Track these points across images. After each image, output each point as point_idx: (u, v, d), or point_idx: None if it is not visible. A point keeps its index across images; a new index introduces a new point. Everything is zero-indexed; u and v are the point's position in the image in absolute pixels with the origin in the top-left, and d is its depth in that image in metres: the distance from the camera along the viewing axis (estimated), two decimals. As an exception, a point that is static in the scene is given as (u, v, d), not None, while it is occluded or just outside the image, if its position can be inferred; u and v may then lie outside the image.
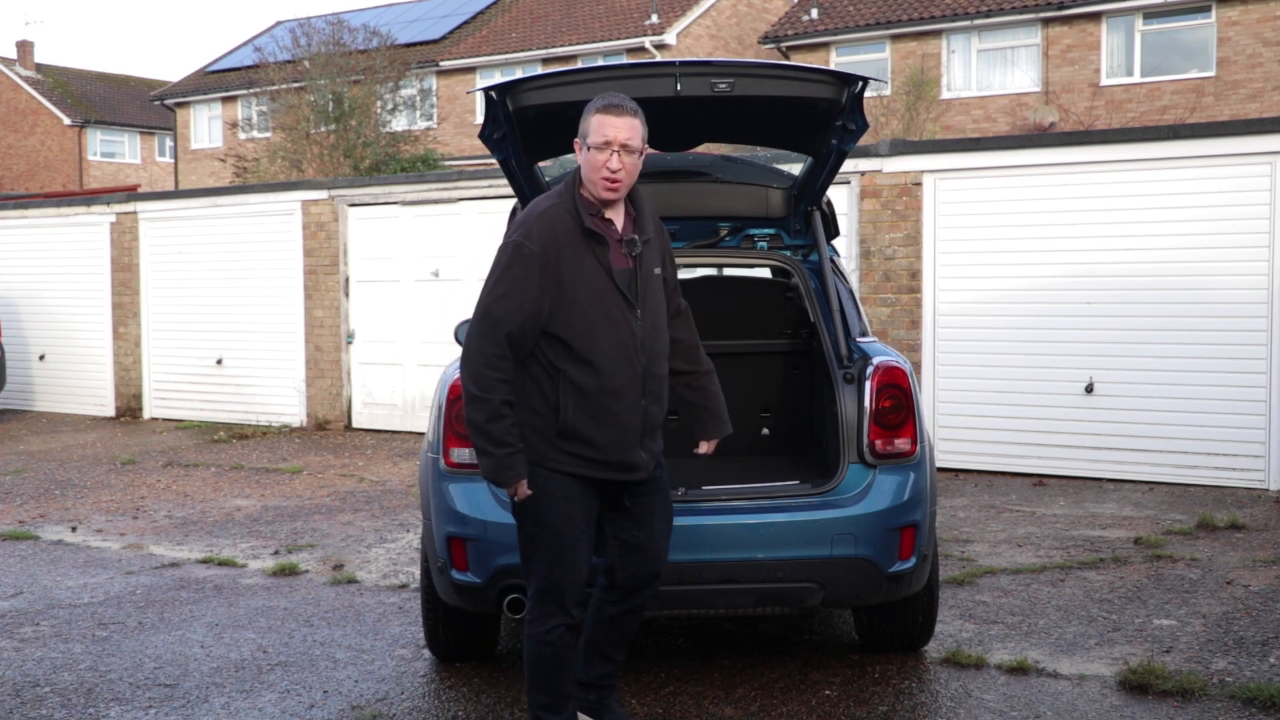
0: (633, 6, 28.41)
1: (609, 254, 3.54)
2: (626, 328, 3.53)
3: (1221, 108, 20.85)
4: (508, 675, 4.71)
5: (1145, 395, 8.67)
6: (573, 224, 3.53)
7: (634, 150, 3.51)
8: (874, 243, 9.56)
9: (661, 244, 3.72)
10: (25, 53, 43.39)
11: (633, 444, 3.56)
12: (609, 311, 3.51)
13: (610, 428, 3.53)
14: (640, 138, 3.53)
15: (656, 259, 3.66)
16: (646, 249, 3.62)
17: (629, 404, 3.53)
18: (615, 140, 3.48)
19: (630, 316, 3.54)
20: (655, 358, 3.61)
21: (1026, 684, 4.52)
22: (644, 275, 3.59)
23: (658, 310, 3.63)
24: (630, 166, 3.51)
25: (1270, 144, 8.26)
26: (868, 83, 4.28)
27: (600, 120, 3.49)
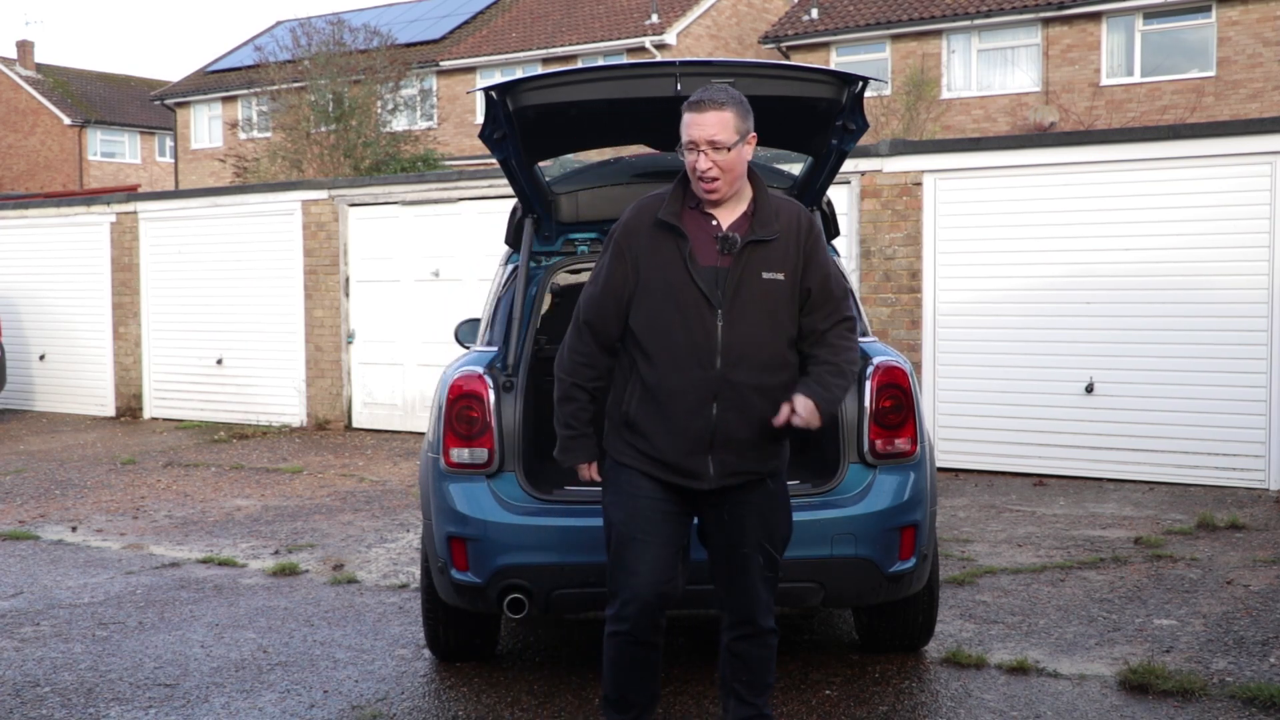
0: (633, 6, 28.42)
1: (689, 247, 3.37)
2: (701, 327, 3.34)
3: (1221, 108, 20.86)
4: (508, 675, 4.71)
5: (1145, 395, 8.67)
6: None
7: (724, 146, 3.31)
8: (874, 243, 9.57)
9: (798, 250, 3.42)
10: (25, 53, 43.41)
11: (693, 449, 3.38)
12: (682, 307, 3.35)
13: (667, 428, 3.39)
14: (734, 129, 3.32)
15: (778, 263, 3.39)
16: (759, 250, 3.37)
17: (690, 406, 3.35)
18: (699, 140, 3.32)
19: (709, 315, 3.34)
20: (741, 365, 3.35)
21: (1026, 684, 4.52)
22: (743, 276, 3.35)
23: (757, 316, 3.36)
24: (726, 163, 3.32)
25: (1270, 144, 8.26)
26: (868, 83, 4.28)
27: (685, 120, 3.35)
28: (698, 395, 3.34)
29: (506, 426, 4.31)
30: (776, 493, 3.54)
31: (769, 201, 3.44)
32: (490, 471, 4.28)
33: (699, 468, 3.40)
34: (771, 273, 3.37)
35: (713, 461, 3.39)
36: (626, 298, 3.41)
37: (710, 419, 3.35)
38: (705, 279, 3.34)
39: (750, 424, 3.39)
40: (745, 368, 3.34)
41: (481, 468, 4.28)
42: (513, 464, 4.29)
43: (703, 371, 3.33)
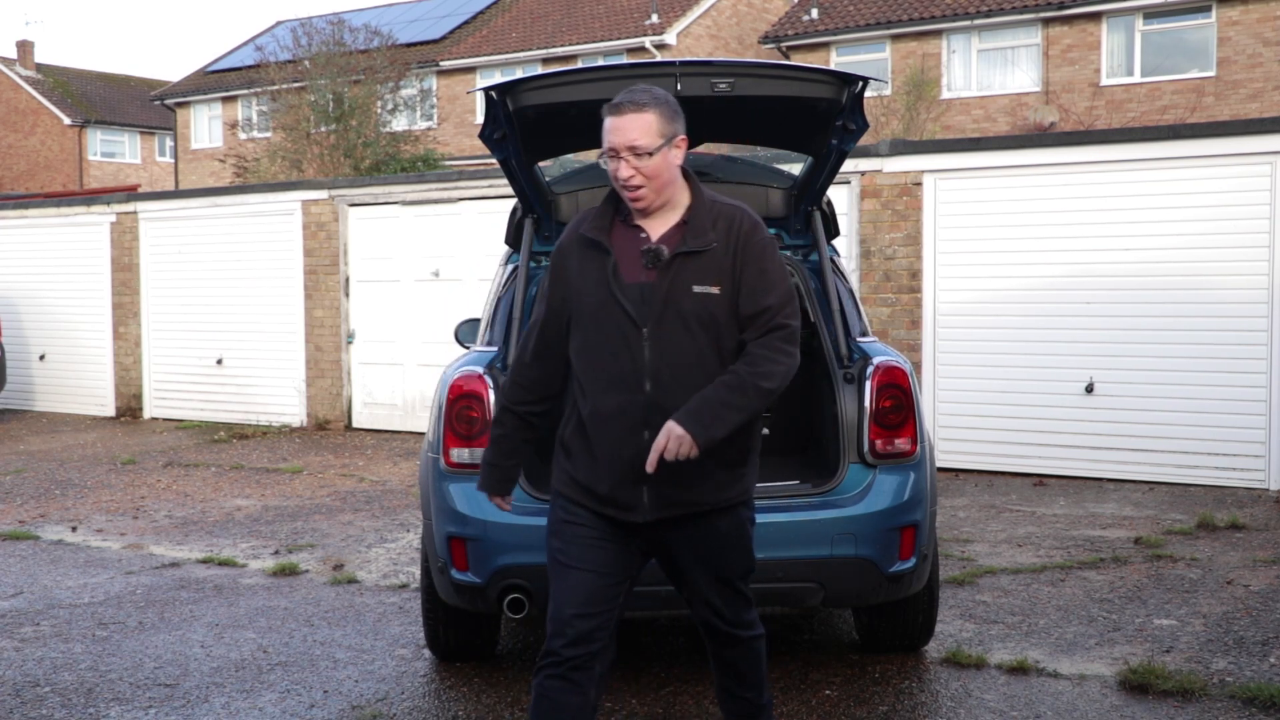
0: (633, 6, 28.42)
1: (613, 263, 3.10)
2: (627, 348, 3.06)
3: (1221, 108, 20.86)
4: (508, 675, 4.71)
5: (1145, 395, 8.67)
6: None
7: (646, 151, 3.03)
8: (874, 243, 9.57)
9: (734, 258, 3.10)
10: (25, 53, 43.41)
11: (624, 480, 3.08)
12: (606, 328, 3.08)
13: (599, 456, 3.11)
14: (657, 132, 3.04)
15: (713, 275, 3.07)
16: (690, 263, 3.07)
17: (621, 434, 3.06)
18: (618, 145, 3.04)
19: (634, 335, 3.06)
20: (672, 387, 3.04)
21: (1026, 684, 4.52)
22: (670, 291, 3.06)
23: (688, 334, 3.06)
24: (650, 169, 3.05)
25: (1270, 144, 8.26)
26: (868, 83, 4.28)
27: (605, 125, 3.08)
28: (628, 421, 3.06)
29: (506, 426, 4.30)
30: (729, 530, 3.21)
31: (705, 209, 3.14)
32: (490, 471, 4.27)
33: (631, 499, 3.11)
34: (704, 286, 3.06)
35: (647, 492, 3.09)
36: (566, 319, 3.19)
37: (642, 447, 3.03)
38: (631, 296, 3.07)
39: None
40: (677, 390, 3.03)
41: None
42: (513, 464, 4.28)
43: (631, 396, 3.05)
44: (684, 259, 3.08)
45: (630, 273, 3.10)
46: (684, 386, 3.05)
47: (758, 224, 3.16)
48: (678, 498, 3.11)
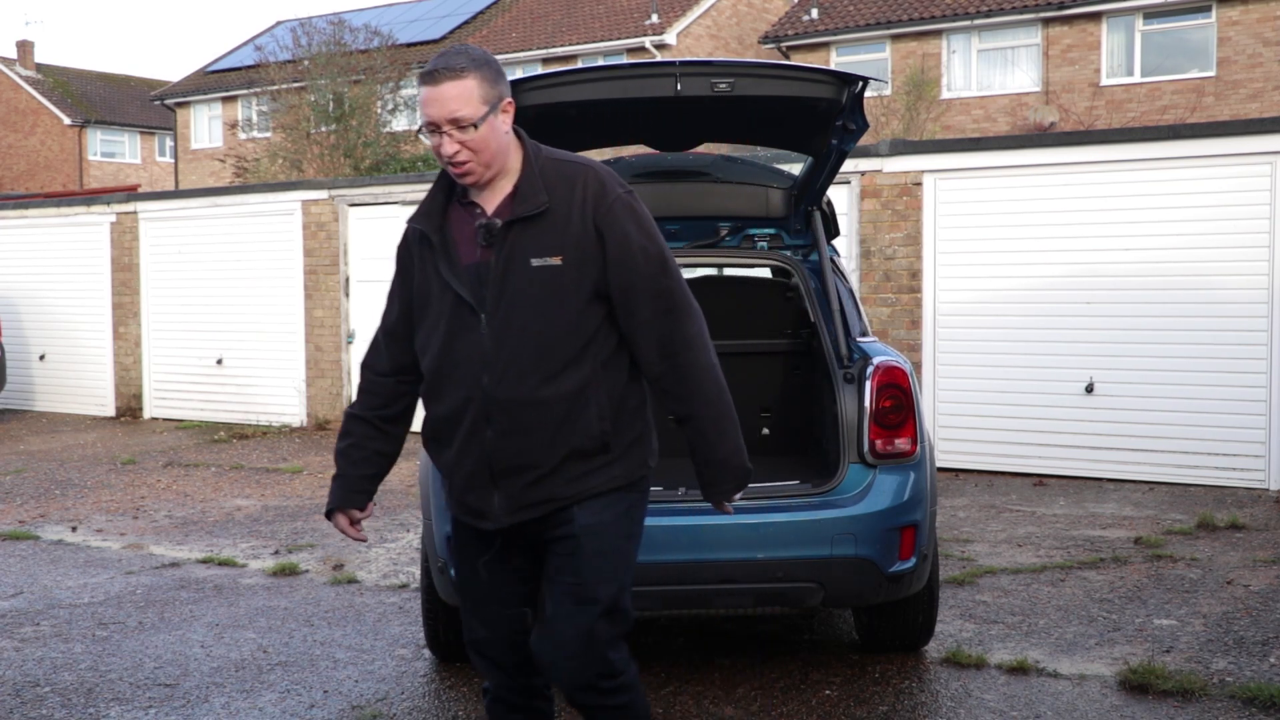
0: (633, 6, 28.42)
1: (448, 246, 2.82)
2: (464, 337, 2.77)
3: (1221, 108, 20.86)
4: (508, 675, 4.70)
5: (1145, 395, 8.67)
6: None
7: (469, 122, 2.68)
8: (874, 243, 9.57)
9: (582, 223, 2.75)
10: (25, 53, 43.41)
11: (473, 483, 2.81)
12: (444, 318, 2.79)
13: (449, 461, 2.85)
14: (479, 99, 2.69)
15: (552, 244, 2.74)
16: (525, 232, 2.74)
17: (465, 434, 2.78)
18: (438, 119, 2.70)
19: (472, 323, 2.75)
20: (509, 376, 2.73)
21: (1026, 684, 4.52)
22: (508, 268, 2.73)
23: (529, 314, 2.73)
24: (476, 142, 2.70)
25: (1270, 144, 8.27)
26: (868, 83, 4.28)
27: (420, 96, 2.74)
28: (470, 419, 2.77)
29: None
30: (588, 525, 2.81)
31: (535, 169, 2.79)
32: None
33: (483, 504, 2.82)
34: (542, 257, 2.72)
35: (498, 496, 2.80)
36: (414, 313, 2.90)
37: (485, 446, 2.77)
38: (466, 279, 2.76)
39: (535, 446, 2.77)
40: (515, 379, 2.73)
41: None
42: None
43: (470, 389, 2.76)
44: (519, 229, 2.74)
45: (467, 253, 2.80)
46: (521, 374, 2.73)
47: (608, 181, 2.79)
48: (531, 497, 2.80)
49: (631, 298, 2.78)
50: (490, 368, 2.74)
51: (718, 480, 2.90)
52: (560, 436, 2.76)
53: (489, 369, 2.74)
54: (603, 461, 2.81)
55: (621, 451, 2.84)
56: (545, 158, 2.81)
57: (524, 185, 2.77)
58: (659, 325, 2.79)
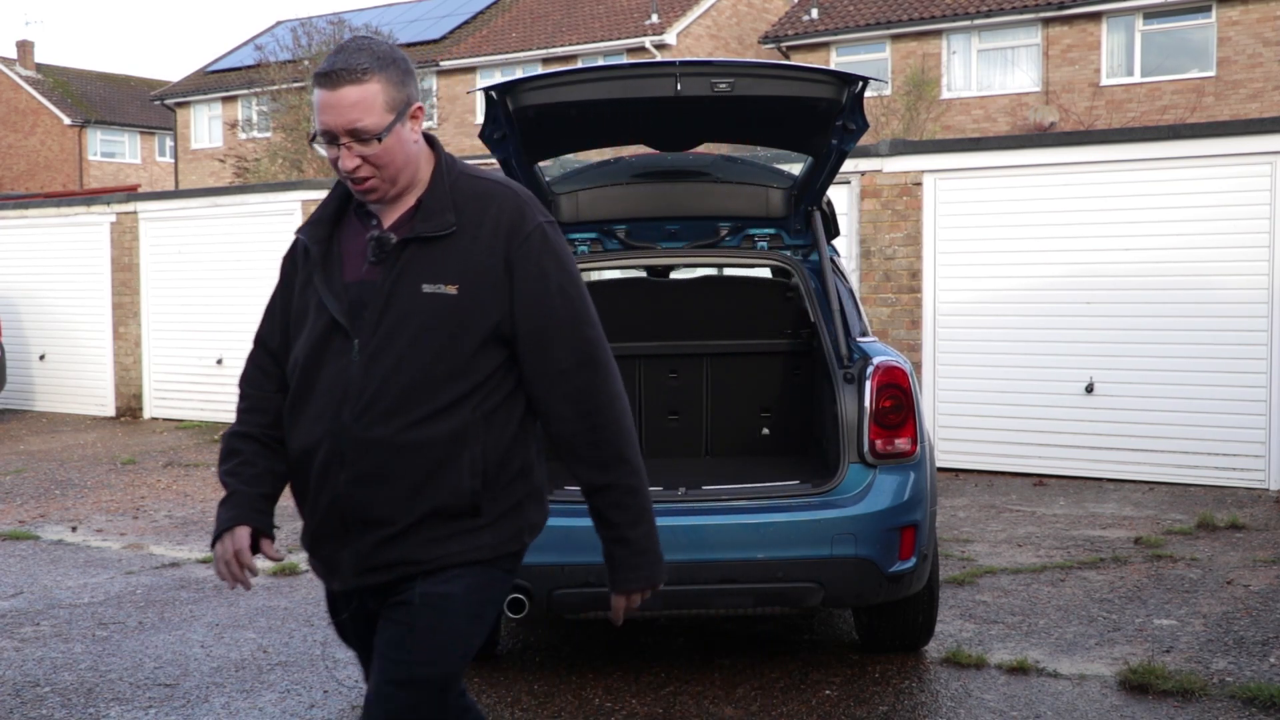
0: (633, 6, 28.42)
1: (332, 258, 2.48)
2: (332, 363, 2.40)
3: (1221, 108, 20.86)
4: (508, 675, 4.71)
5: (1145, 395, 8.67)
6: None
7: (372, 134, 2.33)
8: (874, 243, 9.57)
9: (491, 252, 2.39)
10: (25, 53, 43.41)
11: (322, 533, 2.44)
12: (314, 339, 2.43)
13: (303, 504, 2.49)
14: (383, 107, 2.33)
15: (451, 270, 2.37)
16: (421, 254, 2.38)
17: (317, 474, 2.40)
18: (335, 128, 2.34)
19: (344, 348, 2.39)
20: (374, 413, 2.35)
21: (1026, 684, 4.52)
22: (394, 291, 2.37)
23: (407, 345, 2.36)
24: (380, 156, 2.35)
25: (1270, 144, 8.26)
26: (868, 83, 4.28)
27: (316, 101, 2.37)
28: (324, 457, 2.39)
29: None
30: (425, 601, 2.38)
31: (445, 185, 2.44)
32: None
33: (333, 559, 2.44)
34: (436, 284, 2.36)
35: (348, 551, 2.41)
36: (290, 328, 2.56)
37: (337, 490, 2.38)
38: (345, 298, 2.41)
39: (393, 499, 2.36)
40: (380, 417, 2.35)
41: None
42: (513, 464, 4.28)
43: (326, 424, 2.38)
44: (415, 249, 2.38)
45: (353, 269, 2.44)
46: (386, 412, 2.35)
47: (528, 207, 2.43)
48: (381, 556, 2.39)
49: (545, 344, 2.40)
50: (353, 401, 2.35)
51: (630, 565, 2.46)
52: (424, 490, 2.36)
53: (351, 403, 2.35)
54: (469, 526, 2.40)
55: (493, 518, 2.42)
56: (460, 173, 2.47)
57: (429, 201, 2.41)
58: (576, 378, 2.41)
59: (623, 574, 2.48)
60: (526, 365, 2.42)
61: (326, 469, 2.38)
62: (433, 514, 2.37)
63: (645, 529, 2.47)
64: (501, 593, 2.50)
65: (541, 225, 2.41)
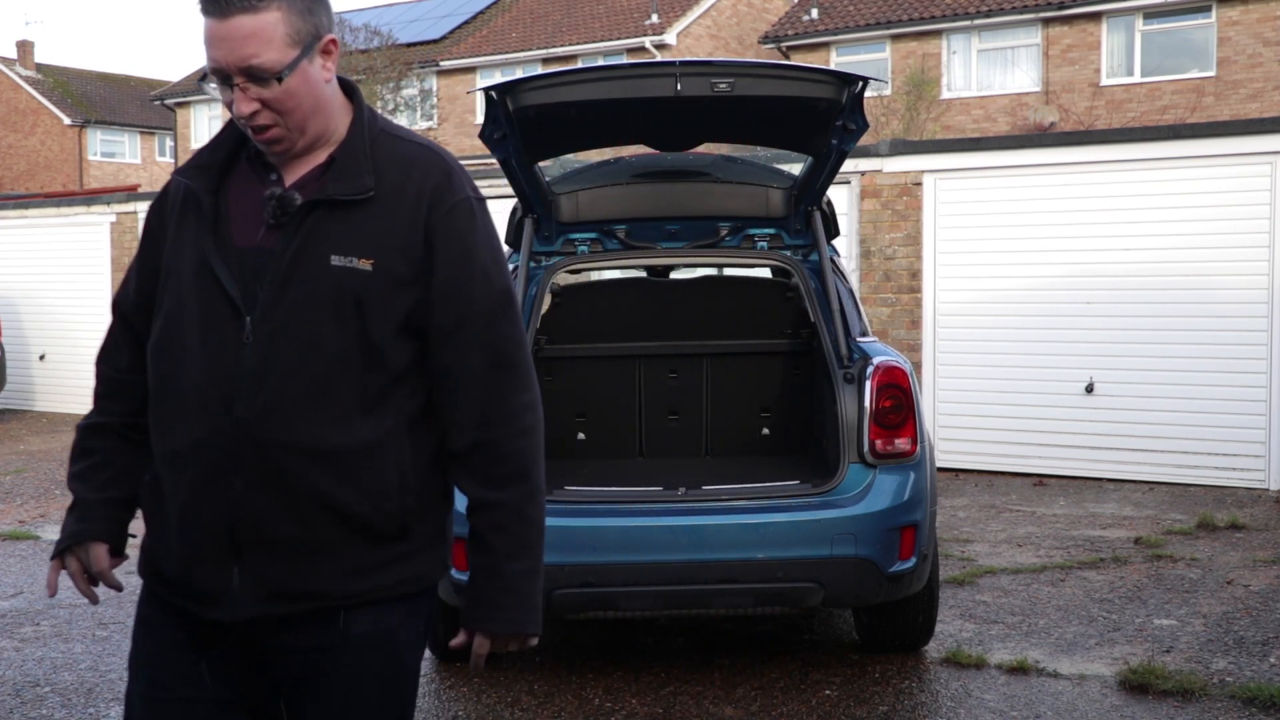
0: (633, 6, 28.43)
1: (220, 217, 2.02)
2: (218, 347, 1.97)
3: (1221, 108, 20.86)
4: (508, 675, 4.71)
5: (1145, 395, 8.67)
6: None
7: (271, 73, 1.92)
8: (874, 243, 9.57)
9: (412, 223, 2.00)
10: (25, 53, 43.41)
11: (200, 552, 1.98)
12: (192, 315, 1.99)
13: (165, 516, 2.02)
14: (285, 40, 1.93)
15: (366, 241, 1.98)
16: (330, 219, 1.98)
17: (197, 480, 1.97)
18: (228, 65, 1.92)
19: (230, 327, 1.96)
20: (280, 410, 1.95)
21: (1026, 684, 4.52)
22: (296, 261, 1.96)
23: (315, 328, 1.96)
24: (282, 99, 1.95)
25: (1270, 144, 8.26)
26: (868, 83, 4.28)
27: (205, 33, 1.95)
28: (209, 461, 1.95)
29: (506, 426, 4.30)
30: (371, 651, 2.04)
31: (365, 141, 2.04)
32: (490, 471, 4.26)
33: (213, 583, 1.98)
34: (346, 257, 1.97)
35: (240, 574, 1.97)
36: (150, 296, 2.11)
37: (231, 502, 1.95)
38: (237, 267, 1.98)
39: (305, 513, 1.96)
40: (286, 416, 1.95)
41: (481, 468, 4.26)
42: (513, 464, 4.28)
43: (215, 420, 1.95)
44: (323, 214, 1.98)
45: (245, 232, 2.01)
46: (296, 410, 1.95)
47: (457, 177, 2.07)
48: (288, 583, 1.98)
49: (458, 338, 2.02)
50: (248, 394, 1.94)
51: (493, 603, 2.07)
52: (341, 506, 1.97)
53: (246, 396, 1.94)
54: (398, 552, 2.04)
55: (421, 543, 2.08)
56: (381, 130, 2.08)
57: (344, 159, 2.02)
58: (486, 381, 2.04)
59: (481, 610, 2.07)
60: (432, 362, 2.04)
61: (213, 476, 1.95)
62: (356, 535, 1.99)
63: (525, 567, 2.06)
64: (429, 628, 2.18)
65: (470, 198, 2.05)
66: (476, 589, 2.08)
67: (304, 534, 1.97)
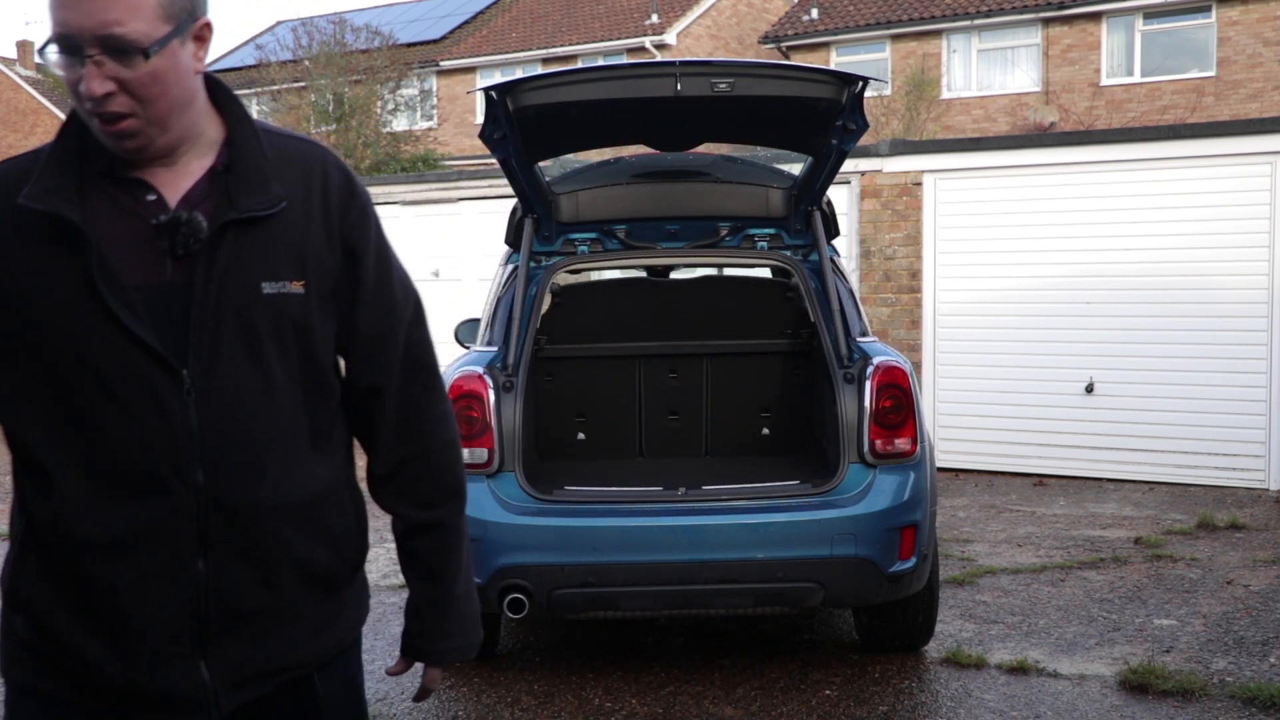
0: (633, 6, 28.42)
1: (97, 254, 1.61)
2: (153, 409, 1.63)
3: (1221, 108, 20.86)
4: (508, 675, 4.71)
5: (1145, 395, 8.67)
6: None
7: (136, 46, 1.55)
8: (874, 243, 9.57)
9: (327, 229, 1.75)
10: (25, 53, 43.43)
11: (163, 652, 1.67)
12: (105, 375, 1.62)
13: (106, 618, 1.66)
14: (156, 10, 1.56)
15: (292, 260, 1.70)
16: (248, 238, 1.67)
17: (154, 568, 1.65)
18: (78, 31, 1.54)
19: (164, 383, 1.63)
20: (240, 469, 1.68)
21: (1026, 684, 4.52)
22: (222, 295, 1.65)
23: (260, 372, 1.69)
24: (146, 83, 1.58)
25: (1270, 144, 8.26)
26: (868, 83, 4.28)
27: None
28: (165, 543, 1.65)
29: (506, 426, 4.31)
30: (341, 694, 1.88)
31: (258, 144, 1.72)
32: (490, 471, 4.28)
33: (183, 685, 1.68)
34: (279, 282, 1.69)
35: (209, 667, 1.69)
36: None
37: (193, 583, 1.67)
38: (141, 311, 1.62)
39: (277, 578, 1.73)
40: (249, 473, 1.68)
41: (481, 468, 4.28)
42: (512, 464, 4.29)
43: (167, 495, 1.64)
44: (238, 235, 1.67)
45: (132, 267, 1.63)
46: (268, 467, 1.70)
47: (349, 171, 1.82)
48: (259, 659, 1.73)
49: (383, 350, 1.83)
50: (206, 458, 1.65)
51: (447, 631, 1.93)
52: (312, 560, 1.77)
53: (203, 460, 1.65)
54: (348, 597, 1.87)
55: (360, 582, 1.91)
56: (261, 128, 1.76)
57: (244, 166, 1.69)
58: (411, 393, 1.86)
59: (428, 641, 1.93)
60: (357, 376, 1.83)
61: (170, 559, 1.65)
62: (313, 590, 1.78)
63: (468, 588, 1.94)
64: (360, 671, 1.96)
65: (369, 198, 1.81)
66: (422, 619, 1.92)
67: (275, 602, 1.73)
